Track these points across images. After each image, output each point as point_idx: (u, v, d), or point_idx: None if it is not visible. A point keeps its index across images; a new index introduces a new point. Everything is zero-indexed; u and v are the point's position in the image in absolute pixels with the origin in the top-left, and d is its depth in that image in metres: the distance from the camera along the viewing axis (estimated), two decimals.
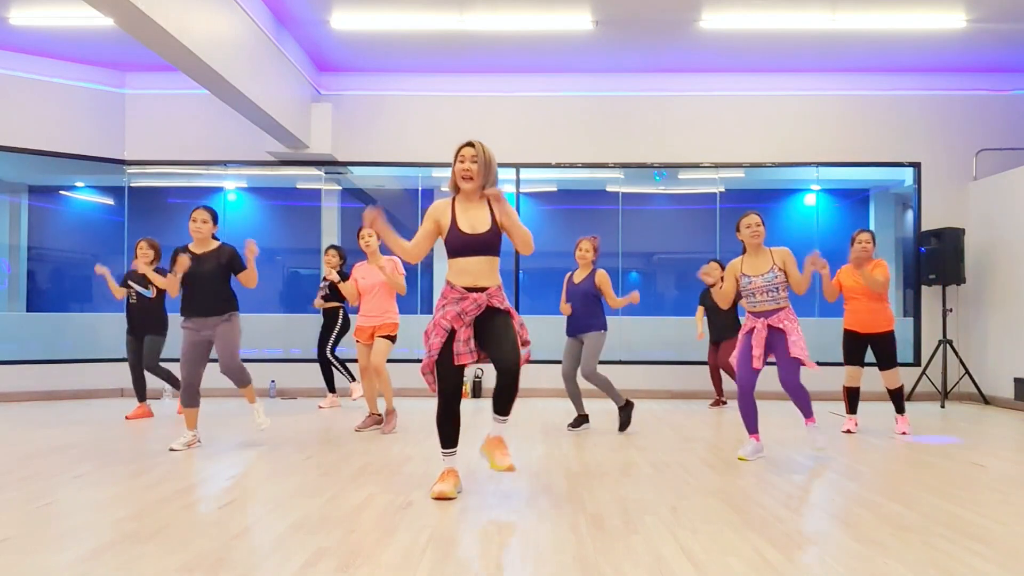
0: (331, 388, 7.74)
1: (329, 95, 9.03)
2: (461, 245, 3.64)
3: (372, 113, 9.06)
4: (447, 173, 10.59)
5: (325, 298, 7.53)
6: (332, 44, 8.29)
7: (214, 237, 5.17)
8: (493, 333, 3.63)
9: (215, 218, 5.14)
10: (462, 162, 3.67)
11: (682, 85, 9.02)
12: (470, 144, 3.68)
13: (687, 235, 11.11)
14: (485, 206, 3.70)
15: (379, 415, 5.97)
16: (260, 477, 4.16)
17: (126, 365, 8.60)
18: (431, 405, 7.56)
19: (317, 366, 7.88)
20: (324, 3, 7.30)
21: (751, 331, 4.79)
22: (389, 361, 6.03)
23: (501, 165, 8.81)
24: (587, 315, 5.87)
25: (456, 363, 3.59)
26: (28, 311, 9.57)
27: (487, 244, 3.64)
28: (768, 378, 7.29)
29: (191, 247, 5.11)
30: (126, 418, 6.62)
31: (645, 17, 7.48)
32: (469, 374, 8.68)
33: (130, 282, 6.67)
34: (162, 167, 9.20)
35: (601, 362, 6.31)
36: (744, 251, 4.92)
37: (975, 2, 7.08)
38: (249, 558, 2.72)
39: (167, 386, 8.04)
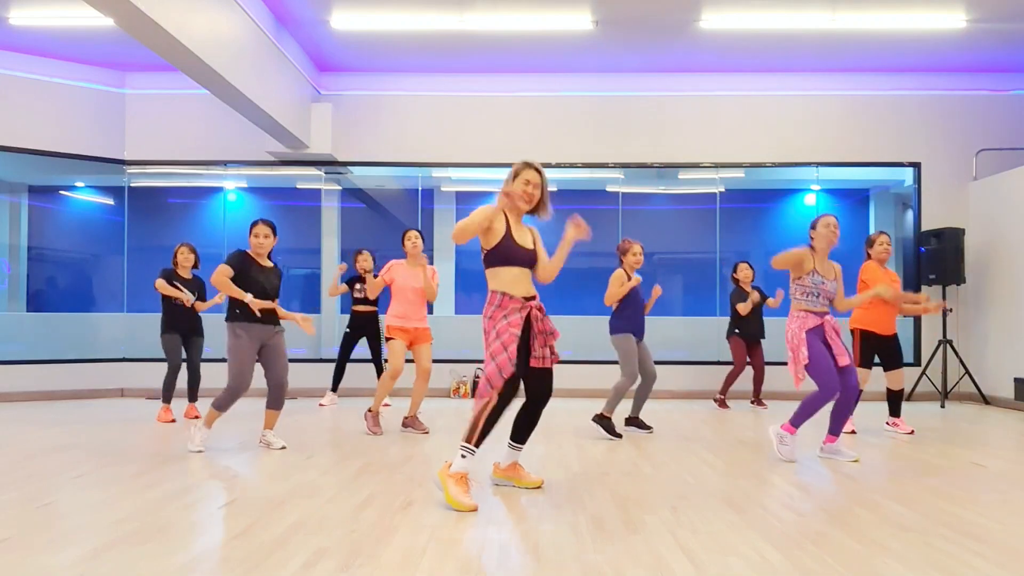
0: (335, 387, 7.78)
1: (329, 95, 9.03)
2: (514, 255, 3.75)
3: (372, 113, 9.06)
4: (447, 173, 10.55)
5: (357, 301, 7.58)
6: (332, 44, 8.29)
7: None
8: (525, 355, 3.74)
9: (275, 231, 5.13)
10: (527, 185, 3.76)
11: (682, 85, 9.02)
12: (536, 170, 3.80)
13: (687, 235, 11.10)
14: (524, 224, 3.89)
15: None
16: (260, 477, 4.16)
17: (126, 365, 8.68)
18: (434, 406, 7.58)
19: (318, 366, 7.88)
20: (324, 3, 7.30)
21: (821, 328, 4.65)
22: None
23: (501, 165, 8.87)
24: (643, 318, 5.88)
25: (541, 366, 3.74)
26: (28, 311, 9.57)
27: (531, 260, 3.82)
28: (773, 379, 7.31)
29: (252, 255, 5.07)
30: (185, 416, 6.61)
31: (645, 17, 7.48)
32: (470, 372, 8.67)
33: (176, 284, 6.48)
34: (162, 167, 9.20)
35: (602, 362, 6.31)
36: (811, 248, 4.78)
37: (975, 2, 7.07)
38: (249, 558, 2.72)
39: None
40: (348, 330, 7.64)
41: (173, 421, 6.40)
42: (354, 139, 9.03)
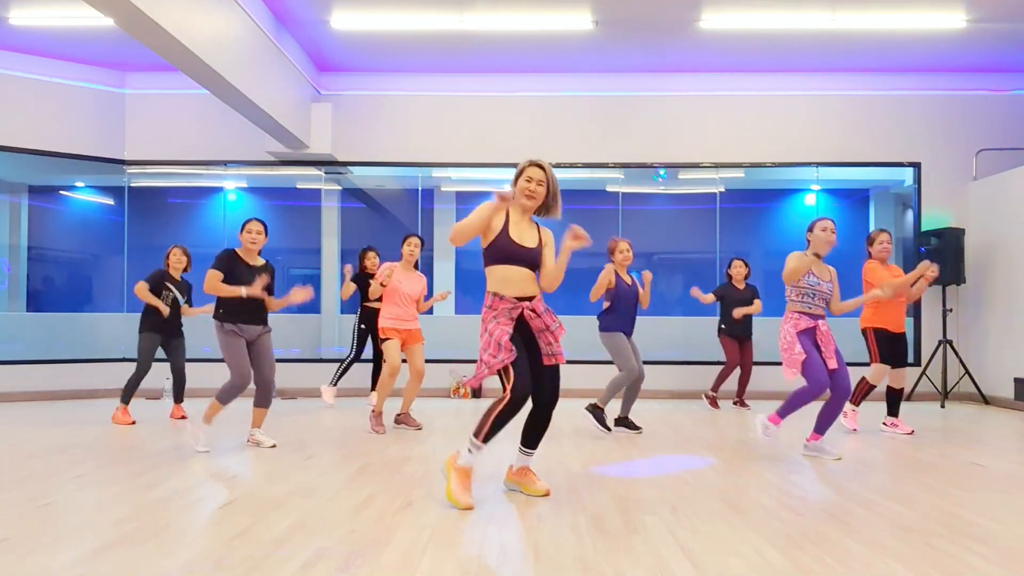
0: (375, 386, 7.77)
1: (329, 95, 9.03)
2: (510, 253, 3.62)
3: (372, 113, 9.06)
4: (447, 173, 10.53)
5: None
6: (332, 44, 8.29)
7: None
8: (535, 355, 3.64)
9: (266, 231, 5.14)
10: (528, 182, 3.66)
11: (682, 85, 9.02)
12: (540, 166, 3.69)
13: (687, 235, 11.10)
14: (534, 224, 3.77)
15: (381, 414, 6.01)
16: (260, 477, 4.16)
17: (125, 365, 8.65)
18: (434, 406, 7.58)
19: (318, 366, 7.87)
20: (324, 3, 7.30)
21: (813, 331, 4.70)
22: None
23: (501, 165, 8.87)
24: (635, 316, 5.91)
25: (552, 363, 3.63)
26: (28, 311, 9.57)
27: (532, 259, 3.68)
28: (774, 377, 7.30)
29: (240, 254, 5.05)
30: (171, 417, 6.50)
31: (645, 17, 7.48)
32: (470, 372, 8.67)
33: (168, 284, 6.41)
34: (162, 167, 9.19)
35: (602, 362, 6.31)
36: (807, 250, 4.85)
37: (975, 2, 7.07)
38: (249, 558, 2.71)
39: (167, 384, 8.04)
40: (363, 326, 7.65)
41: (133, 423, 6.19)
42: (354, 139, 9.03)
